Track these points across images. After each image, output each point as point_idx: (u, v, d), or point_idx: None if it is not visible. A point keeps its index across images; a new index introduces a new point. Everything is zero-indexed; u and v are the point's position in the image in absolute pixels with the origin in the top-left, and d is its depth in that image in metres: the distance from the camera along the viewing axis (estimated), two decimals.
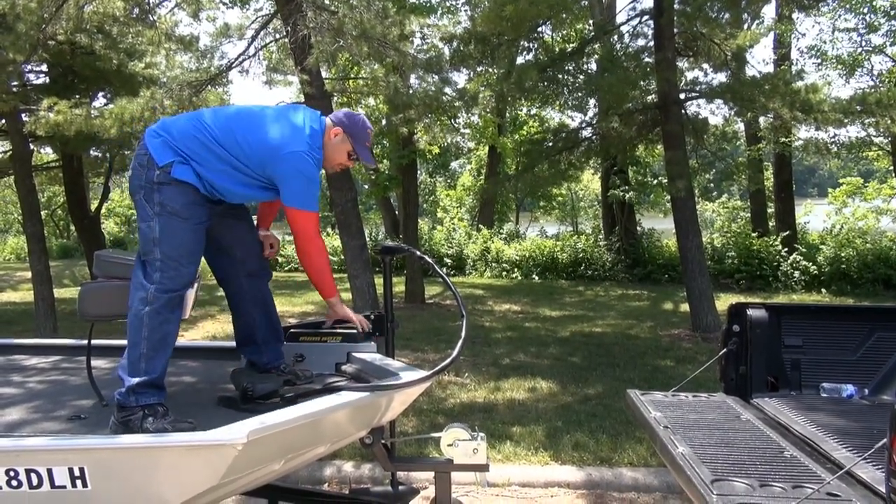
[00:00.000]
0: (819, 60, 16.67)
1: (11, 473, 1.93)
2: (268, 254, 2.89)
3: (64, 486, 1.94)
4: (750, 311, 3.11)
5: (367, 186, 17.40)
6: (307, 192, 2.54)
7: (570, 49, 10.16)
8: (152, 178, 2.44)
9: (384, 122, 12.26)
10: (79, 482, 1.94)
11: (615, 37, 10.14)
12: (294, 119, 2.61)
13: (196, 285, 2.48)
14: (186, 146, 2.48)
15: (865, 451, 2.02)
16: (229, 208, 2.69)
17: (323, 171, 2.80)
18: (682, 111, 9.12)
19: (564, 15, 9.43)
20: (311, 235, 2.61)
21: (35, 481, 1.94)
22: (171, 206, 2.42)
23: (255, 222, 2.93)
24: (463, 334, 2.54)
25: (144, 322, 2.36)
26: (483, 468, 2.61)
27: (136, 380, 2.33)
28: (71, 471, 1.93)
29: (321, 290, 2.75)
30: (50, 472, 1.94)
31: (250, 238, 2.78)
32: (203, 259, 2.69)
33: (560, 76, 9.67)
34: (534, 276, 15.26)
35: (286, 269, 17.65)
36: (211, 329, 8.78)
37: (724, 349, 3.13)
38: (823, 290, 12.46)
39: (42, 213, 11.59)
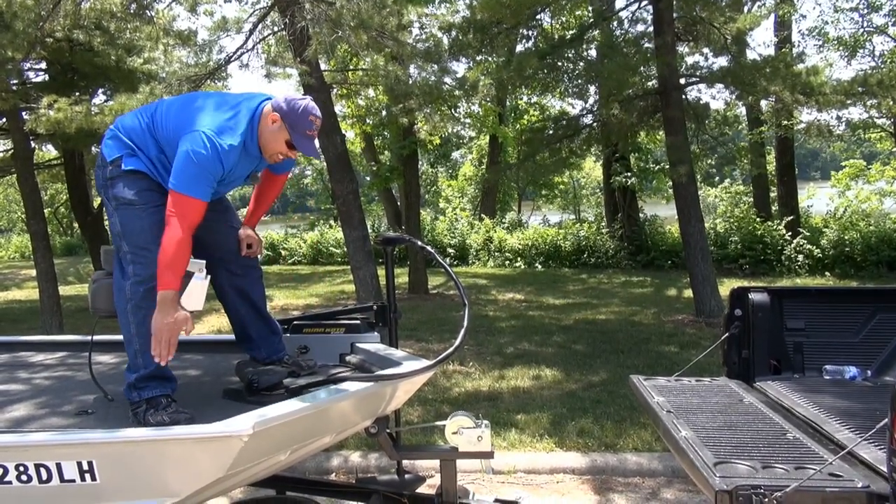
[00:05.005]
0: (820, 42, 16.58)
1: (21, 468, 1.95)
2: (245, 254, 2.73)
3: (73, 480, 1.96)
4: (752, 296, 3.11)
5: (368, 178, 17.37)
6: (192, 174, 2.27)
7: (569, 36, 10.08)
8: (106, 174, 2.45)
9: (384, 112, 12.25)
10: (87, 476, 1.96)
11: (614, 23, 10.09)
12: (221, 102, 2.46)
13: (207, 277, 2.46)
14: (132, 137, 2.46)
15: (867, 431, 2.03)
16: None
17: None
18: (683, 96, 9.08)
19: (563, 1, 9.38)
20: (177, 222, 2.26)
21: (45, 476, 1.96)
22: (124, 197, 2.41)
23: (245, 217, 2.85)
24: (465, 323, 2.54)
25: (129, 319, 2.38)
26: (488, 455, 2.62)
27: (136, 375, 2.36)
28: (80, 465, 1.95)
29: (159, 279, 2.28)
30: (59, 466, 1.95)
31: (229, 237, 2.69)
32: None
33: (560, 63, 9.62)
34: (537, 264, 15.26)
35: (290, 262, 17.69)
36: (216, 323, 8.82)
37: (727, 333, 3.13)
38: (827, 274, 12.43)
39: (45, 210, 11.62)
